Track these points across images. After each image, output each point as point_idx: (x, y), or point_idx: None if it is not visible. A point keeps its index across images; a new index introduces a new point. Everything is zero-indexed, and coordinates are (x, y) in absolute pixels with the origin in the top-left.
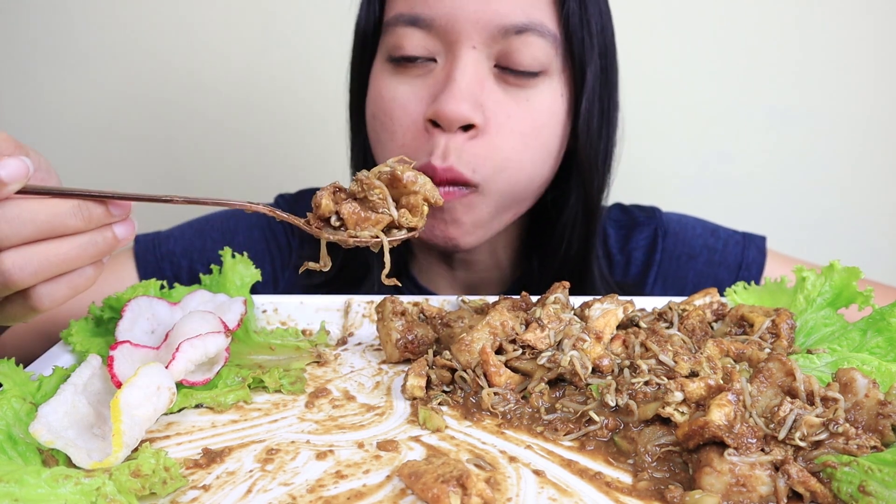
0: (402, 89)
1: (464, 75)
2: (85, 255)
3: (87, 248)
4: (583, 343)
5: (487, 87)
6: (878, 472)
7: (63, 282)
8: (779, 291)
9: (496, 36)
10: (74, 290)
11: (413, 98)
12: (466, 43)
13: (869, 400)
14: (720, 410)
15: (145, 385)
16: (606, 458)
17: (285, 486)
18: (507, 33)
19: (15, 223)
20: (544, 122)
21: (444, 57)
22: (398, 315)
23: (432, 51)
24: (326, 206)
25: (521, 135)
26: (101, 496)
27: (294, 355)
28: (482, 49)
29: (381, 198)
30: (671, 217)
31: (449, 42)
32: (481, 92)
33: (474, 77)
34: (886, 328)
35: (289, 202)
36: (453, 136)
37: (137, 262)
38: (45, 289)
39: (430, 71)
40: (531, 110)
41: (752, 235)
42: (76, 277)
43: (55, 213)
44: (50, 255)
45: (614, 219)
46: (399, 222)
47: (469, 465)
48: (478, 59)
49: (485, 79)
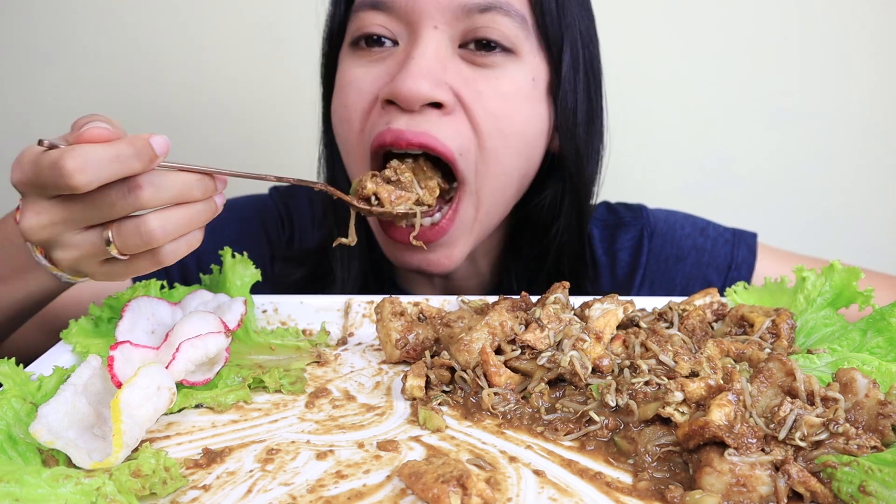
0: (359, 72)
1: (423, 54)
2: (200, 219)
3: (202, 214)
4: (583, 343)
5: (453, 66)
6: (878, 472)
7: (183, 241)
8: (779, 291)
9: (459, 15)
10: (189, 248)
11: (369, 79)
12: (428, 23)
13: (869, 400)
14: (720, 410)
15: (145, 385)
16: (607, 458)
17: (285, 486)
18: (470, 12)
19: (161, 189)
20: (516, 106)
21: (406, 39)
22: (397, 315)
23: (395, 33)
24: (370, 188)
25: (495, 118)
26: (102, 496)
27: (294, 355)
28: (445, 29)
29: (409, 180)
30: (658, 216)
31: (410, 23)
32: (444, 71)
33: (435, 56)
34: (886, 328)
35: (282, 195)
36: (420, 113)
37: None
38: (171, 246)
39: (391, 54)
40: (502, 90)
41: (743, 232)
42: (192, 238)
43: (186, 184)
44: (181, 217)
45: (599, 218)
46: (422, 199)
47: (469, 465)
48: (440, 38)
49: (448, 59)
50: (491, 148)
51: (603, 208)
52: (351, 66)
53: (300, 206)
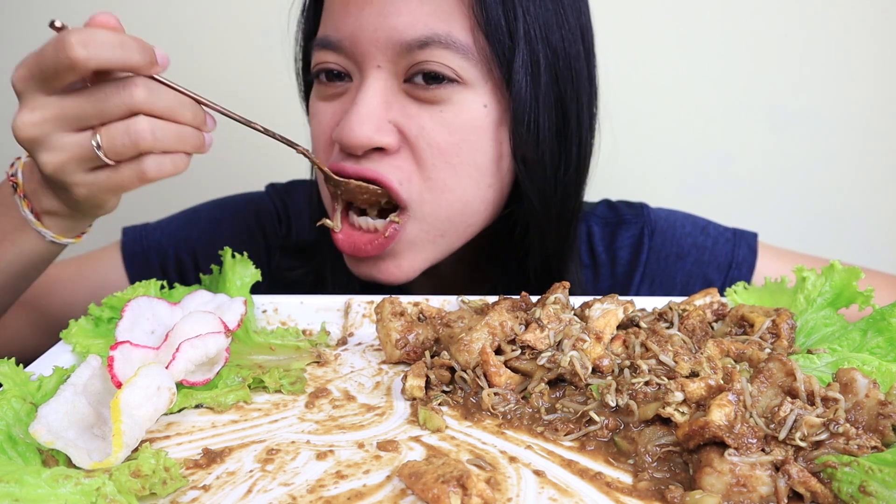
0: (321, 106)
1: (365, 98)
2: (188, 142)
3: (190, 138)
4: (583, 343)
5: (398, 104)
6: (878, 472)
7: (168, 159)
8: (779, 291)
9: (400, 52)
10: (175, 168)
11: (327, 115)
12: (371, 63)
13: (869, 400)
14: (720, 410)
15: (145, 385)
16: (607, 459)
17: (285, 487)
18: (409, 48)
19: (156, 97)
20: (464, 137)
21: (357, 76)
22: (397, 315)
23: (348, 69)
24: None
25: (440, 150)
26: (101, 496)
27: (294, 355)
28: (388, 67)
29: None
30: (659, 214)
31: (357, 62)
32: (388, 111)
33: (380, 97)
34: (887, 328)
35: (279, 192)
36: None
37: (124, 253)
38: (156, 158)
39: (347, 91)
40: (446, 124)
41: (744, 232)
42: (177, 159)
43: (180, 102)
44: (171, 130)
45: (600, 216)
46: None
47: (469, 465)
48: (384, 77)
49: (393, 96)
50: (437, 178)
51: (604, 206)
52: (315, 99)
53: (297, 202)
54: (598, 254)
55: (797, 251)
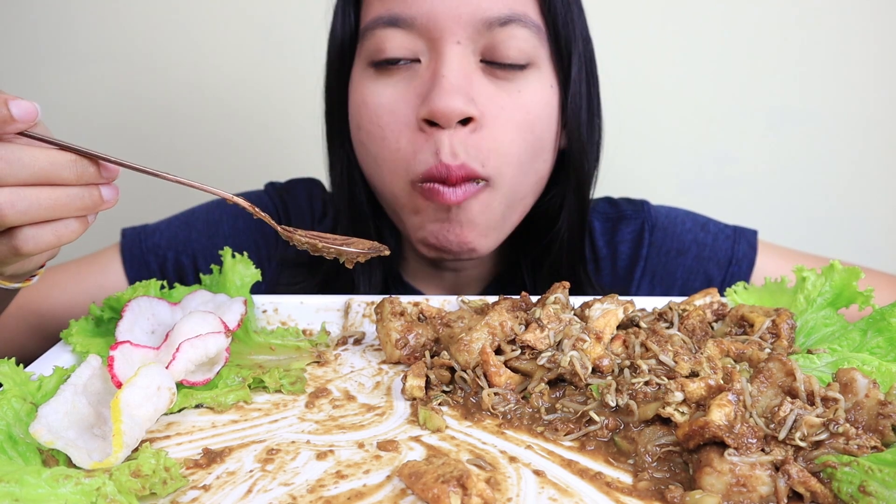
0: (388, 93)
1: (451, 70)
2: (72, 206)
3: (74, 200)
4: (583, 343)
5: (476, 81)
6: (878, 472)
7: (48, 228)
8: (779, 291)
9: (480, 29)
10: (58, 239)
11: (400, 100)
12: (450, 39)
13: (869, 400)
14: (720, 410)
15: (145, 385)
16: (607, 459)
17: (285, 486)
18: (490, 26)
19: (15, 164)
20: (538, 114)
21: (428, 55)
22: (397, 315)
23: (415, 51)
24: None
25: (517, 127)
26: (102, 496)
27: (294, 355)
28: (467, 44)
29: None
30: (660, 210)
31: (432, 40)
32: (470, 86)
33: (461, 71)
34: (887, 328)
35: (279, 191)
36: (455, 131)
37: (123, 255)
38: (31, 231)
39: (415, 72)
40: (523, 102)
41: (744, 229)
42: (61, 227)
43: (53, 162)
44: (42, 198)
45: (601, 211)
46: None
47: (469, 465)
48: (463, 53)
49: (472, 73)
50: (514, 154)
51: (605, 202)
52: (377, 89)
53: (297, 201)
54: (599, 248)
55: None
